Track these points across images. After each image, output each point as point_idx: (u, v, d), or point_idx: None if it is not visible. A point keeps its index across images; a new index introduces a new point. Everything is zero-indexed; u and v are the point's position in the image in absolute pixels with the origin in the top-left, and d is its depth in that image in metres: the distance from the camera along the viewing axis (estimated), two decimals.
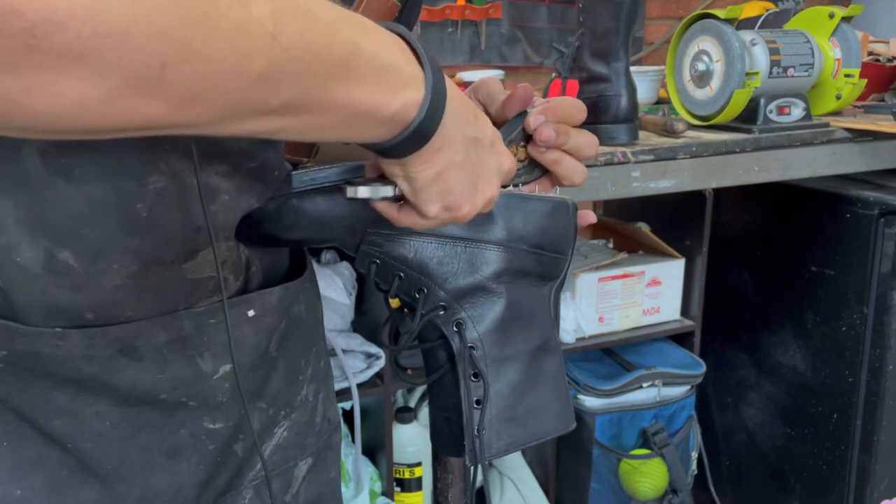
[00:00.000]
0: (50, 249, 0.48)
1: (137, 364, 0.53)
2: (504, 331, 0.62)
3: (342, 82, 0.40)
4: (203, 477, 0.59)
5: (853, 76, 1.45)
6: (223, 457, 0.59)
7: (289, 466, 0.64)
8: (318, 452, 0.67)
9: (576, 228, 0.64)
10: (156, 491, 0.57)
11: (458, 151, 0.48)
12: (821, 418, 1.64)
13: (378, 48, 0.42)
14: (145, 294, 0.52)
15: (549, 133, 0.58)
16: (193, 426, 0.57)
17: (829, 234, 1.58)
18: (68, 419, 0.53)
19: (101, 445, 0.54)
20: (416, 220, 0.52)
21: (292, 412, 0.64)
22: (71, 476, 0.54)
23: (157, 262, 0.51)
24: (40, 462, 0.54)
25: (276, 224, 0.56)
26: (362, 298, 1.54)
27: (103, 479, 0.55)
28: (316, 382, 0.67)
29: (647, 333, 1.68)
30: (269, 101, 0.37)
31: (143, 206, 0.49)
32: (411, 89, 0.43)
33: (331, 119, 0.41)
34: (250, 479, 0.62)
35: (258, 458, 0.62)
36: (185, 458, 0.57)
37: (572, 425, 0.66)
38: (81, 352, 0.51)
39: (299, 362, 0.64)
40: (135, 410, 0.54)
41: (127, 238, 0.49)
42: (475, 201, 0.51)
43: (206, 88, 0.34)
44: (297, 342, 0.63)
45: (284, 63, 0.36)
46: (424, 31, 1.91)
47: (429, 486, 1.60)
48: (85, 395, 0.53)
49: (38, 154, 0.46)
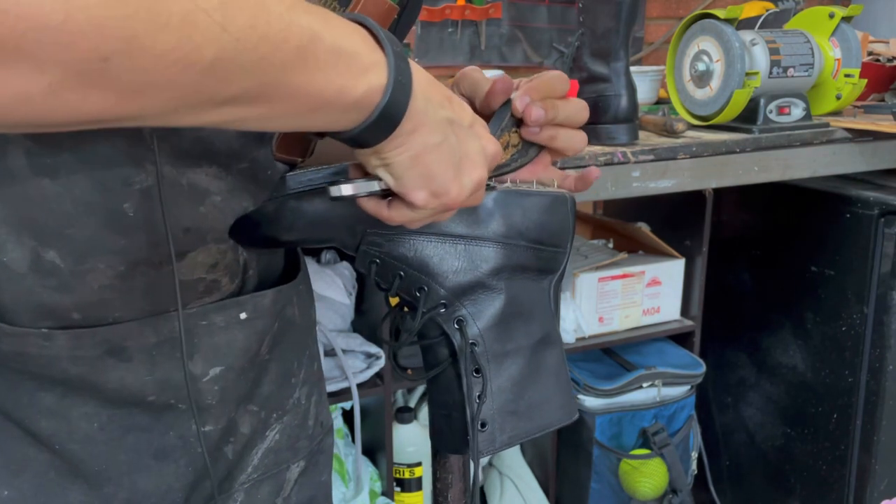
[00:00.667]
0: (36, 249, 0.48)
1: (125, 365, 0.53)
2: (504, 326, 0.62)
3: (300, 71, 0.39)
4: (191, 479, 0.58)
5: (853, 76, 1.45)
6: (213, 459, 0.59)
7: (280, 469, 0.64)
8: (311, 456, 0.67)
9: (574, 222, 0.64)
10: (143, 493, 0.57)
11: (432, 133, 0.47)
12: (821, 418, 1.64)
13: (337, 35, 0.41)
14: (133, 295, 0.52)
15: (537, 112, 0.58)
16: (182, 428, 0.57)
17: (829, 234, 1.58)
18: (55, 420, 0.53)
19: (89, 447, 0.54)
20: (407, 214, 0.50)
21: (284, 415, 0.63)
22: (59, 477, 0.54)
23: (144, 262, 0.51)
24: (27, 463, 0.53)
25: (275, 225, 0.56)
26: (362, 298, 1.54)
27: (91, 480, 0.55)
28: (309, 385, 0.66)
29: (647, 333, 1.67)
30: (221, 91, 0.37)
31: (128, 205, 0.49)
32: (373, 74, 0.43)
33: (292, 107, 0.41)
34: (241, 482, 0.61)
35: (249, 461, 0.61)
36: (174, 461, 0.57)
37: (575, 416, 0.67)
38: (68, 352, 0.51)
39: (292, 365, 0.64)
40: (123, 412, 0.54)
41: (113, 238, 0.49)
42: (462, 184, 0.49)
43: (153, 80, 0.33)
44: (289, 345, 0.63)
45: (236, 53, 0.35)
46: (424, 31, 1.92)
47: (429, 486, 1.59)
48: (72, 396, 0.52)
49: (24, 154, 0.46)
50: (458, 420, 0.62)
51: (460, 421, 0.62)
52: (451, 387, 0.62)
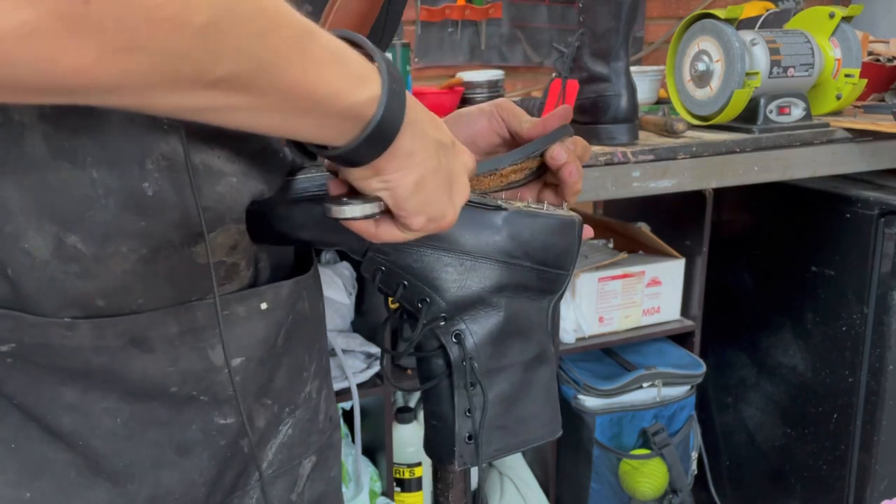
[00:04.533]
0: (58, 234, 0.48)
1: (148, 356, 0.53)
2: (501, 343, 0.63)
3: (295, 62, 0.37)
4: (213, 473, 0.58)
5: (853, 76, 1.45)
6: (232, 453, 0.59)
7: (294, 465, 0.64)
8: (321, 450, 0.67)
9: (580, 245, 0.65)
10: (167, 489, 0.56)
11: (431, 156, 0.47)
12: (821, 418, 1.64)
13: (331, 39, 0.40)
14: (156, 280, 0.51)
15: (576, 176, 0.63)
16: (204, 421, 0.57)
17: (829, 234, 1.58)
18: (78, 416, 0.53)
19: (111, 442, 0.54)
20: (396, 235, 0.50)
21: (296, 409, 0.64)
22: (80, 477, 0.54)
23: (166, 245, 0.51)
24: (47, 464, 0.53)
25: (287, 223, 0.57)
26: (362, 298, 1.54)
27: (113, 478, 0.55)
28: (319, 379, 0.67)
29: (647, 333, 1.67)
30: (211, 66, 0.34)
31: (147, 185, 0.49)
32: (368, 83, 0.41)
33: (282, 104, 0.38)
34: (257, 478, 0.62)
35: (264, 457, 0.62)
36: (196, 455, 0.57)
37: (559, 432, 0.68)
38: (91, 343, 0.50)
39: (303, 359, 0.64)
40: (144, 406, 0.54)
41: (134, 220, 0.49)
42: (455, 207, 0.50)
43: (140, 36, 0.31)
44: (301, 338, 0.63)
45: (230, 23, 0.33)
46: (424, 31, 1.92)
47: (429, 486, 1.60)
48: (94, 390, 0.52)
49: (42, 139, 0.46)
50: (446, 431, 0.64)
51: (448, 432, 0.63)
52: (443, 398, 0.64)
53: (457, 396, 0.63)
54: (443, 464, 0.66)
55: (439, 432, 0.65)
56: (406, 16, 1.89)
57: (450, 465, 0.65)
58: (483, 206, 0.61)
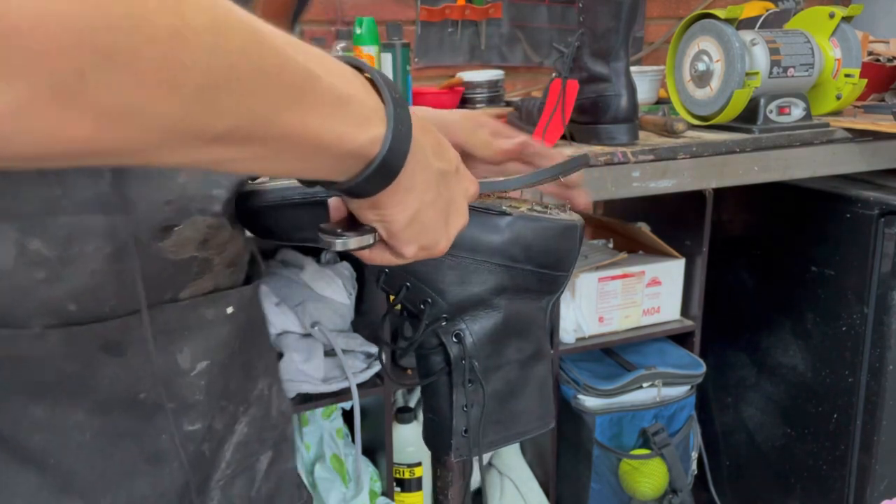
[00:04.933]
0: (19, 241, 0.47)
1: (119, 360, 0.52)
2: (499, 342, 0.65)
3: (297, 110, 0.37)
4: (183, 481, 0.58)
5: (853, 76, 1.45)
6: (198, 458, 0.59)
7: (251, 462, 0.64)
8: (276, 445, 0.68)
9: (580, 247, 0.67)
10: (140, 500, 0.56)
11: (428, 189, 0.47)
12: (821, 418, 1.64)
13: (335, 79, 0.39)
14: (127, 279, 0.51)
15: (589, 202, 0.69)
16: (173, 429, 0.57)
17: (829, 234, 1.58)
18: (48, 434, 0.52)
19: (83, 457, 0.53)
20: (388, 260, 0.51)
21: (250, 407, 0.64)
22: (51, 496, 0.53)
23: (131, 241, 0.50)
24: (16, 487, 0.53)
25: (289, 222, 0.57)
26: (362, 298, 1.54)
27: (86, 493, 0.54)
28: (269, 376, 0.67)
29: (647, 333, 1.67)
30: (210, 124, 0.33)
31: (105, 181, 0.48)
32: (373, 123, 0.41)
33: (285, 151, 0.38)
34: (216, 479, 0.62)
35: (222, 458, 0.61)
36: (167, 464, 0.57)
37: (551, 425, 0.70)
38: (62, 350, 0.50)
39: (253, 357, 0.64)
40: (114, 418, 0.54)
41: (94, 218, 0.48)
42: (449, 235, 0.51)
43: (136, 103, 0.30)
44: (253, 338, 0.64)
45: (227, 81, 0.33)
46: (424, 31, 1.92)
47: (429, 486, 1.59)
48: (63, 404, 0.52)
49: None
50: (443, 425, 0.66)
51: (446, 426, 0.66)
52: (441, 394, 0.66)
53: (455, 393, 0.64)
54: (439, 455, 0.68)
55: (437, 426, 0.67)
56: (406, 16, 1.89)
57: (446, 457, 0.66)
58: (487, 211, 0.61)
